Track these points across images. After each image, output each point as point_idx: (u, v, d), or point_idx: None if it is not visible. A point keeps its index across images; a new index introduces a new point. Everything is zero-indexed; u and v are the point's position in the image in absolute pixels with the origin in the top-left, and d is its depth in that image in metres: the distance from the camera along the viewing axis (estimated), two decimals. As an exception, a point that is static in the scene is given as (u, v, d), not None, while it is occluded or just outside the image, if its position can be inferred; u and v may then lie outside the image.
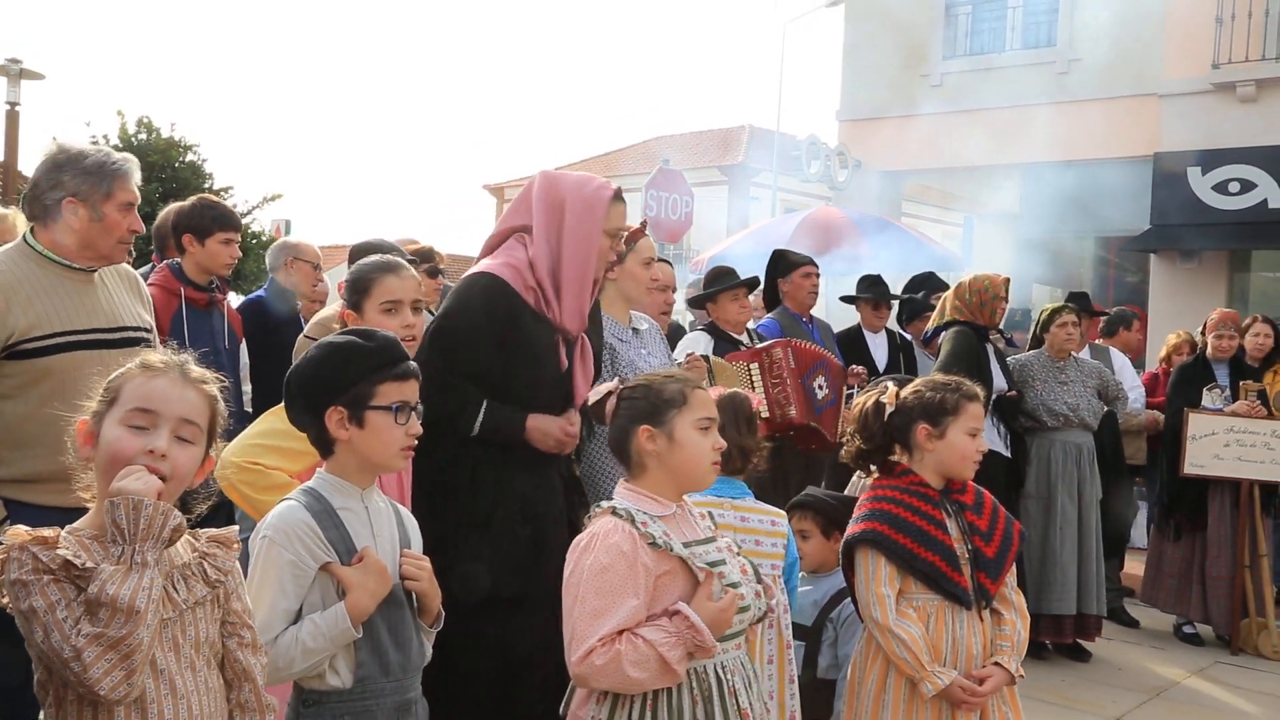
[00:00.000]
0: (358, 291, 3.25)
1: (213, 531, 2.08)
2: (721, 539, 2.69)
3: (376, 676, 2.27)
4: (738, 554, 2.69)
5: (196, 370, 2.03)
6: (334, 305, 4.09)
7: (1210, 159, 11.98)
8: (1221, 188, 11.94)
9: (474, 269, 3.56)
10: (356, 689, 2.25)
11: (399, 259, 3.41)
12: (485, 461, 3.34)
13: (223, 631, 2.03)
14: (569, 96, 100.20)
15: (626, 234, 3.80)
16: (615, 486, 2.66)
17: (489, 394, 3.36)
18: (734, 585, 2.55)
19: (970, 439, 3.15)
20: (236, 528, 2.15)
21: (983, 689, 3.01)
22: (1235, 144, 11.82)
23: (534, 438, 3.37)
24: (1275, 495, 6.96)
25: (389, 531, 2.39)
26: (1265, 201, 11.67)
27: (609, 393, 2.65)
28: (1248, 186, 11.77)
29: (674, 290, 5.71)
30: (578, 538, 2.53)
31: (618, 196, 3.60)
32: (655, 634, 2.39)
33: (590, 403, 2.68)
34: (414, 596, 2.38)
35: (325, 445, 2.37)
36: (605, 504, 2.56)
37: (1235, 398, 6.80)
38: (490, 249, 3.61)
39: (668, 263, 5.70)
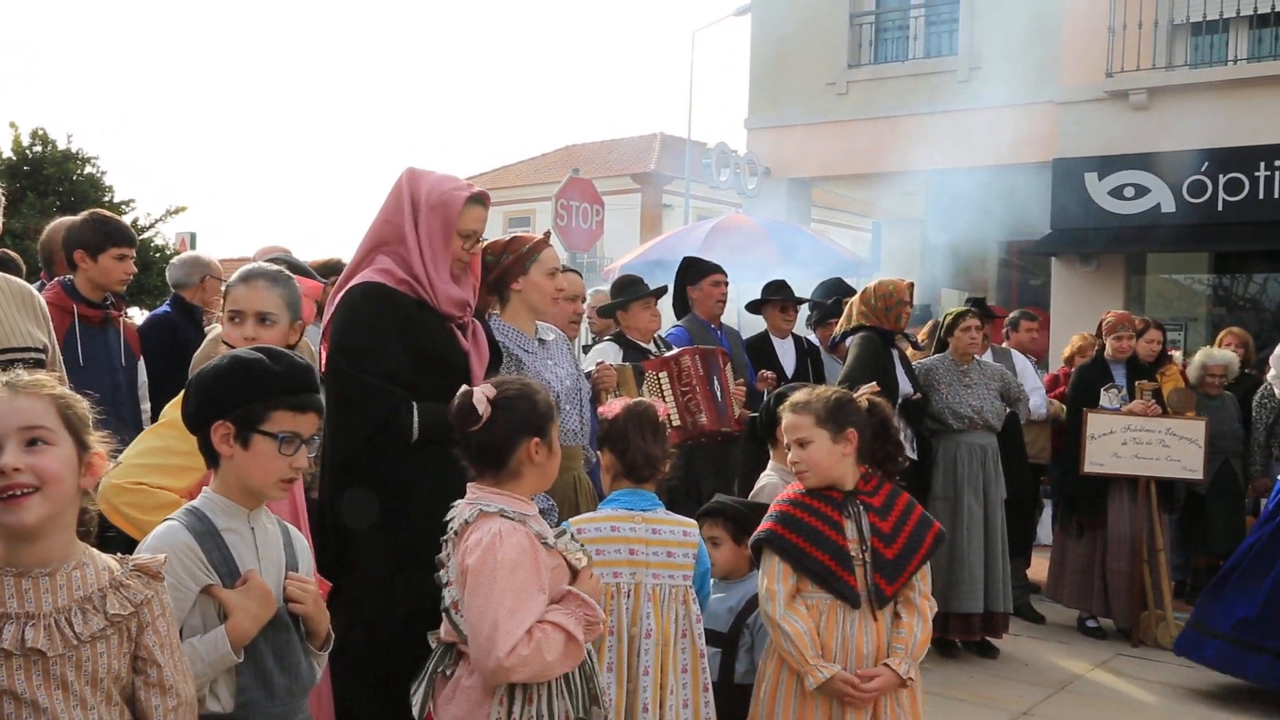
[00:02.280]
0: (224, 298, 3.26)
1: (141, 560, 2.00)
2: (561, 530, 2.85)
3: (261, 701, 2.22)
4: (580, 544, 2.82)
5: (26, 378, 1.94)
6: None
7: (1106, 165, 12.31)
8: (1117, 193, 12.27)
9: (347, 286, 3.53)
10: (238, 713, 2.20)
11: (259, 269, 3.31)
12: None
13: (134, 667, 1.95)
14: (480, 106, 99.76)
15: (479, 237, 3.76)
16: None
17: (409, 395, 3.36)
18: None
19: (792, 448, 3.29)
20: (164, 557, 2.07)
21: (866, 687, 3.08)
22: (1130, 150, 12.16)
23: None
24: (1172, 491, 7.18)
25: (276, 554, 2.34)
26: (1159, 206, 12.02)
27: (486, 398, 2.65)
28: (1142, 191, 12.12)
29: (583, 300, 5.71)
30: (474, 538, 2.53)
31: (477, 199, 3.61)
32: (559, 616, 2.51)
33: (470, 408, 2.62)
34: (300, 619, 2.33)
35: (211, 457, 2.32)
36: (487, 507, 2.59)
37: (1132, 397, 6.99)
38: (361, 256, 3.61)
39: (576, 273, 5.71)
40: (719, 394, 5.41)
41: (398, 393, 3.35)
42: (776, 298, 7.04)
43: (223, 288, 6.36)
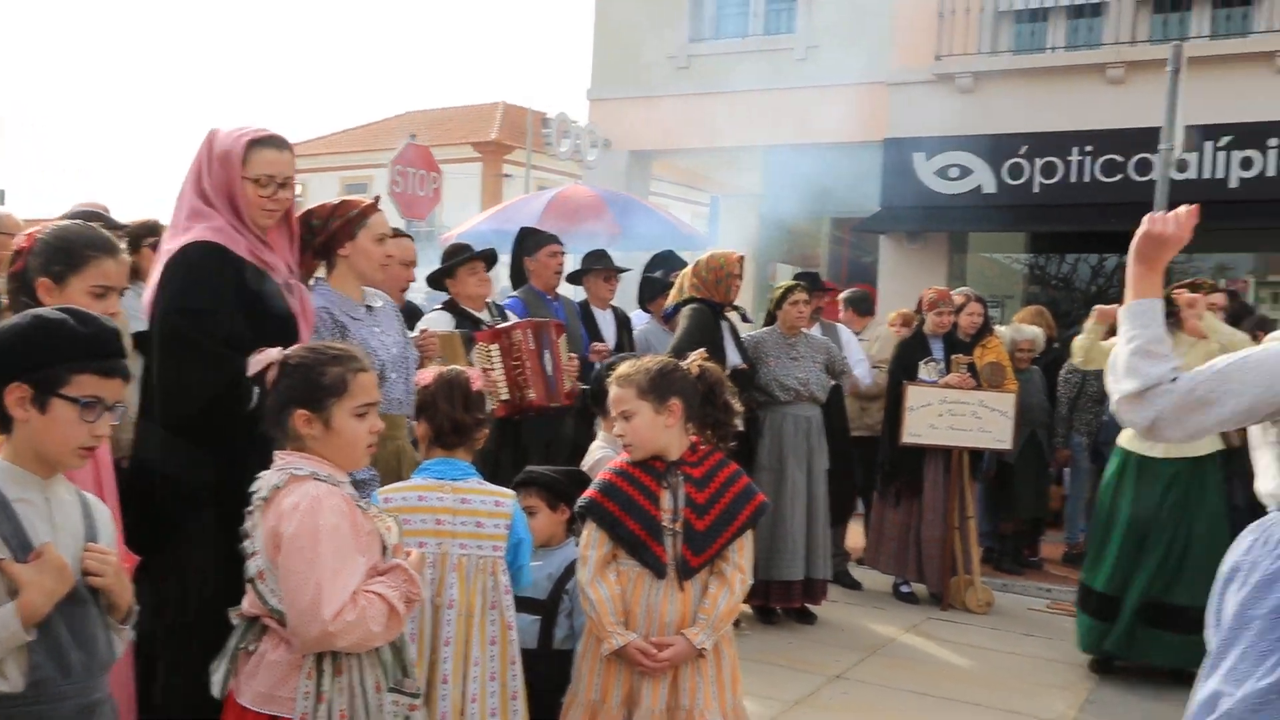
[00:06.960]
0: (66, 264, 2.99)
1: None
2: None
3: (55, 679, 2.13)
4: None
5: None
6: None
7: (933, 146, 12.73)
8: (943, 173, 12.71)
9: (176, 243, 3.41)
10: (29, 693, 2.10)
11: (113, 240, 3.19)
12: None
13: None
14: (319, 68, 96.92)
15: (281, 182, 3.56)
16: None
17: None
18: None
19: (618, 421, 3.32)
20: None
21: (659, 656, 3.12)
22: (955, 132, 12.60)
23: None
24: (982, 461, 7.51)
25: (73, 525, 2.25)
26: (980, 187, 12.51)
27: (271, 362, 2.66)
28: (965, 172, 12.59)
29: (414, 266, 5.61)
30: (288, 502, 2.48)
31: (267, 142, 3.51)
32: (383, 588, 2.49)
33: (251, 371, 2.67)
34: (99, 593, 2.25)
35: (4, 421, 2.20)
36: (298, 471, 2.54)
37: (949, 371, 7.28)
38: (179, 223, 3.50)
39: (409, 237, 5.60)
40: (549, 368, 5.40)
41: (238, 358, 3.26)
42: (598, 267, 7.05)
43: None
